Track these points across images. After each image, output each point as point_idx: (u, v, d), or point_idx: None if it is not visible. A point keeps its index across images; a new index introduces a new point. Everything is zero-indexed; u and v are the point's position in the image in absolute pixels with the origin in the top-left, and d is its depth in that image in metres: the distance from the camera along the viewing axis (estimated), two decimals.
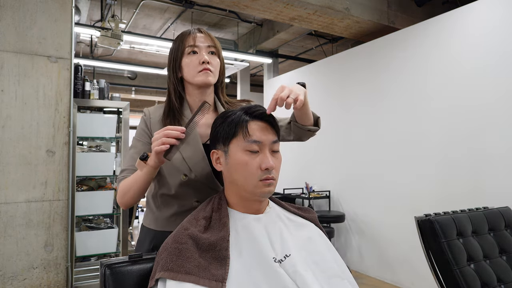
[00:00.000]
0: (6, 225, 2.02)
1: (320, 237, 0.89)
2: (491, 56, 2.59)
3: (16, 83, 2.08)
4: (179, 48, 1.06)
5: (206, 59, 1.04)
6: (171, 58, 1.09)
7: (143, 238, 1.09)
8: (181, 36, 1.09)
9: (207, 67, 1.04)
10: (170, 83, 1.09)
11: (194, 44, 1.05)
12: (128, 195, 0.98)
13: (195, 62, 1.04)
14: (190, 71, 1.05)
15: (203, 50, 1.05)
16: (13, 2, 2.08)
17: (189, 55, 1.05)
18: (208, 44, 1.07)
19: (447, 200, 2.83)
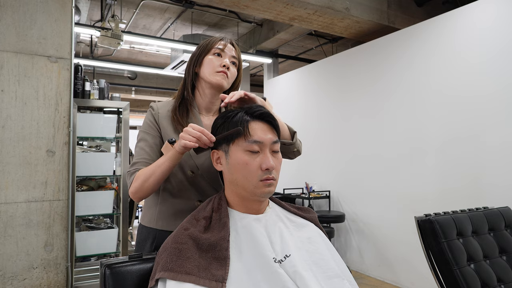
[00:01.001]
0: (6, 225, 2.02)
1: (320, 237, 0.89)
2: (491, 56, 2.59)
3: (16, 83, 2.08)
4: (207, 46, 1.11)
5: (228, 64, 1.09)
6: (196, 52, 1.13)
7: (143, 239, 1.08)
8: (212, 38, 1.14)
9: (226, 71, 1.08)
10: (187, 76, 1.13)
11: (222, 49, 1.10)
12: (149, 182, 0.96)
13: (216, 62, 1.09)
14: (209, 69, 1.08)
15: (227, 57, 1.11)
16: (13, 2, 2.08)
17: (214, 55, 1.10)
18: (233, 54, 1.12)
19: (447, 200, 2.83)
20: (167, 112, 1.09)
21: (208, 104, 1.12)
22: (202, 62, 1.10)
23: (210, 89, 1.10)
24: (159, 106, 1.10)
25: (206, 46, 1.11)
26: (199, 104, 1.13)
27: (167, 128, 1.06)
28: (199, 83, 1.12)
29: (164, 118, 1.07)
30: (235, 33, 5.33)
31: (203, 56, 1.10)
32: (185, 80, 1.14)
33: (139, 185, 0.97)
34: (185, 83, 1.13)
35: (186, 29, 5.15)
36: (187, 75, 1.13)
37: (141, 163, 1.02)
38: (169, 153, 0.93)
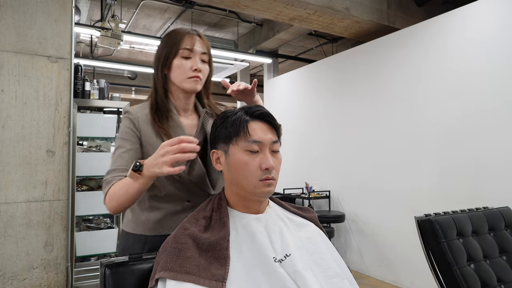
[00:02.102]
0: (6, 225, 2.02)
1: (320, 236, 0.89)
2: (491, 56, 2.59)
3: (16, 83, 2.08)
4: (173, 47, 1.02)
5: (199, 67, 1.02)
6: (162, 54, 1.04)
7: (130, 246, 1.04)
8: (177, 34, 1.04)
9: (198, 75, 1.02)
10: (157, 80, 1.06)
11: (190, 48, 1.02)
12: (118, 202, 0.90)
13: (187, 67, 1.02)
14: (180, 75, 1.02)
15: (197, 56, 1.03)
16: (13, 2, 2.08)
17: (182, 58, 1.02)
18: (203, 50, 1.04)
19: (447, 200, 2.83)
20: (146, 116, 1.03)
21: (183, 105, 1.08)
22: (171, 65, 1.03)
23: (183, 93, 1.06)
24: (137, 110, 1.04)
25: (172, 47, 1.02)
26: (175, 105, 1.07)
27: (149, 132, 1.01)
28: (171, 86, 1.06)
29: (144, 123, 1.02)
30: (235, 33, 5.33)
31: (171, 59, 1.02)
32: (155, 84, 1.06)
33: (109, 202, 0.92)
34: (156, 88, 1.06)
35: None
36: (157, 79, 1.05)
37: (119, 170, 0.96)
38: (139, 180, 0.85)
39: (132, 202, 0.92)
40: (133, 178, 0.85)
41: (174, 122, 1.04)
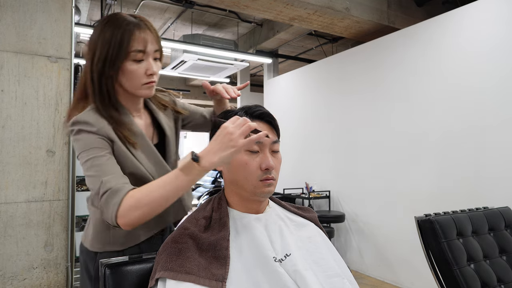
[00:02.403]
0: (6, 225, 2.02)
1: (320, 236, 0.89)
2: (491, 56, 2.59)
3: (16, 83, 2.08)
4: (122, 48, 0.85)
5: (155, 71, 0.91)
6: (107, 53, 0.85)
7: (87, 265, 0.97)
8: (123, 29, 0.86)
9: (153, 79, 0.91)
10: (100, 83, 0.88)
11: (143, 50, 0.87)
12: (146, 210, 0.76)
13: (141, 72, 0.88)
14: (133, 82, 0.89)
15: (150, 57, 0.90)
16: (13, 2, 2.08)
17: (134, 62, 0.88)
18: (155, 48, 0.91)
19: (447, 200, 2.83)
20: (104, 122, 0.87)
21: (135, 107, 0.98)
22: (120, 69, 0.87)
23: (136, 98, 0.96)
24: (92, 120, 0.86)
25: (120, 49, 0.85)
26: (127, 107, 0.94)
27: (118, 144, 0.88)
28: (119, 88, 0.92)
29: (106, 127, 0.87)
30: (235, 33, 5.33)
31: (119, 62, 0.86)
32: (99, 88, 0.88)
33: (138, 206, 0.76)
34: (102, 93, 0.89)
35: (186, 29, 5.14)
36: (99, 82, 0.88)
37: (116, 178, 0.81)
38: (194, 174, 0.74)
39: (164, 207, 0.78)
40: (186, 171, 0.74)
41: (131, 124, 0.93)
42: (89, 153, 0.84)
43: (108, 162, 0.83)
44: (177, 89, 8.08)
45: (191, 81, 7.93)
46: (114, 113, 0.90)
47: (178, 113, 1.12)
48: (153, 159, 0.96)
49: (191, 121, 1.19)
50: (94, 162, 0.83)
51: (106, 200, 0.78)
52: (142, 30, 0.88)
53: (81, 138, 0.85)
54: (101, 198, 0.79)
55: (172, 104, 1.11)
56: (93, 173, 0.82)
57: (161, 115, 1.04)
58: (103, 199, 0.79)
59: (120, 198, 0.77)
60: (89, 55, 0.90)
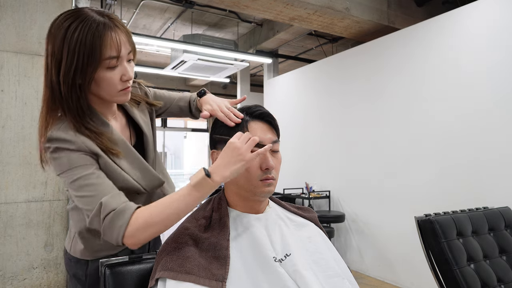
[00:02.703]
0: (6, 225, 2.02)
1: (320, 236, 0.89)
2: (491, 56, 2.59)
3: (16, 83, 2.08)
4: (93, 56, 0.76)
5: (131, 76, 0.83)
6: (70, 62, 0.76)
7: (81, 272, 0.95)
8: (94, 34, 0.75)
9: (130, 85, 0.85)
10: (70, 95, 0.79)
11: (117, 55, 0.79)
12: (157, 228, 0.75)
13: (116, 79, 0.81)
14: (108, 90, 0.82)
15: (124, 61, 0.81)
16: (13, 2, 2.08)
17: (107, 69, 0.79)
18: (129, 49, 0.82)
19: (447, 200, 2.83)
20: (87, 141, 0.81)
21: (110, 109, 0.92)
22: (92, 79, 0.78)
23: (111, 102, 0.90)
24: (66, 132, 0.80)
25: (91, 56, 0.75)
26: (102, 112, 0.88)
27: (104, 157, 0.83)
28: (92, 95, 0.84)
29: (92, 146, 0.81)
30: (235, 33, 5.33)
31: (91, 72, 0.77)
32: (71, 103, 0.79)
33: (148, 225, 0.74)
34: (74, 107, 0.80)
35: (186, 29, 5.14)
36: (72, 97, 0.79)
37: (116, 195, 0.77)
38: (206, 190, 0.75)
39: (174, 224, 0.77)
40: (198, 187, 0.74)
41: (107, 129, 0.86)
42: (75, 172, 0.78)
43: (100, 181, 0.79)
44: (177, 89, 8.09)
45: (191, 81, 7.93)
46: (90, 125, 0.82)
47: (152, 105, 1.06)
48: (138, 165, 0.91)
49: (166, 110, 1.15)
50: (84, 181, 0.78)
51: (110, 222, 0.74)
52: (114, 32, 0.78)
53: (61, 156, 0.79)
54: (103, 220, 0.75)
55: (144, 97, 1.05)
56: (86, 194, 0.77)
57: (135, 113, 0.98)
58: (106, 221, 0.75)
59: (126, 220, 0.74)
60: (52, 63, 0.78)
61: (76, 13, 0.78)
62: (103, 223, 0.75)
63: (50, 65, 0.79)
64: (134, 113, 0.98)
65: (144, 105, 1.04)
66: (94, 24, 0.76)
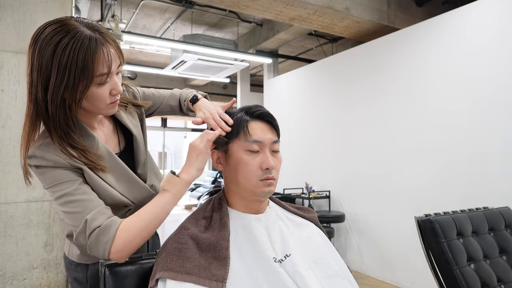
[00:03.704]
0: (6, 225, 2.02)
1: (320, 237, 0.89)
2: (491, 56, 2.59)
3: (16, 83, 2.08)
4: (86, 73, 0.74)
5: (120, 90, 0.82)
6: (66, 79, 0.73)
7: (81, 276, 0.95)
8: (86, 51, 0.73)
9: (118, 98, 0.84)
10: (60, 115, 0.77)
11: (108, 72, 0.77)
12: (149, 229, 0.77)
13: (105, 94, 0.80)
14: (97, 105, 0.81)
15: (114, 75, 0.80)
16: (13, 2, 2.08)
17: (98, 85, 0.78)
18: (118, 63, 0.81)
19: (447, 200, 2.83)
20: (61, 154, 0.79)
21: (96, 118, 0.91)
22: (83, 97, 0.77)
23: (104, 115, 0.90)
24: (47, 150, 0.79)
25: (83, 74, 0.73)
26: (87, 122, 0.87)
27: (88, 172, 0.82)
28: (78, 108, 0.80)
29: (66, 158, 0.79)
30: (235, 33, 5.33)
31: (82, 89, 0.75)
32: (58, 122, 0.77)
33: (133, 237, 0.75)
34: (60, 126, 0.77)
35: (186, 29, 5.14)
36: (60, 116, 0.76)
37: (101, 213, 0.77)
38: (177, 187, 0.78)
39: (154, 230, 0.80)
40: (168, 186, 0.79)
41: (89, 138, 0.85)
42: (59, 188, 0.78)
43: (85, 197, 0.78)
44: None
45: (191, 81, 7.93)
46: (75, 142, 0.80)
47: (140, 106, 1.04)
48: (125, 178, 0.90)
49: (156, 110, 1.14)
50: (69, 198, 0.78)
51: (96, 239, 0.75)
52: (105, 47, 0.76)
53: (44, 172, 0.80)
54: (88, 237, 0.75)
55: (131, 99, 1.03)
56: (71, 210, 0.77)
57: (123, 116, 0.96)
58: (91, 238, 0.75)
59: (111, 236, 0.75)
60: (39, 79, 0.74)
61: (65, 26, 0.74)
62: (89, 240, 0.75)
63: (36, 80, 0.74)
64: (122, 117, 0.96)
65: (132, 107, 1.02)
66: (86, 40, 0.74)
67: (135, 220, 0.77)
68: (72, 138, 0.80)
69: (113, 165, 0.88)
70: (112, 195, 0.86)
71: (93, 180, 0.83)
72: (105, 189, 0.85)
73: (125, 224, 0.76)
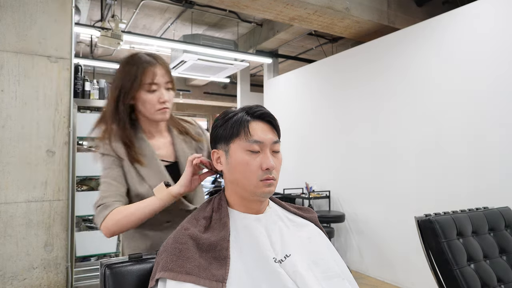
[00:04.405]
0: (6, 225, 2.02)
1: (320, 237, 0.89)
2: (491, 56, 2.59)
3: (16, 83, 2.08)
4: (135, 80, 1.02)
5: (166, 99, 1.05)
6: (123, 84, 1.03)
7: None
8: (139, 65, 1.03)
9: (166, 106, 1.05)
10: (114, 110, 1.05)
11: (153, 82, 1.03)
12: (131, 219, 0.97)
13: (154, 100, 1.04)
14: (149, 109, 1.05)
15: (162, 87, 1.05)
16: (13, 2, 2.08)
17: (148, 92, 1.03)
18: (166, 79, 1.06)
19: (447, 200, 2.83)
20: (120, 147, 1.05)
21: (155, 129, 1.12)
22: (136, 97, 1.04)
23: (155, 122, 1.10)
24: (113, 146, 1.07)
25: (133, 81, 1.02)
26: (145, 129, 1.10)
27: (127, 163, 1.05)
28: (138, 114, 1.08)
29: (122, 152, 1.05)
30: (235, 33, 5.33)
31: (133, 93, 1.03)
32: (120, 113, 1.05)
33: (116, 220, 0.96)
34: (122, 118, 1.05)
35: (186, 29, 5.14)
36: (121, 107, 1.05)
37: (111, 196, 1.00)
38: (163, 194, 0.97)
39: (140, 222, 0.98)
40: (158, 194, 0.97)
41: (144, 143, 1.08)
42: (103, 173, 1.05)
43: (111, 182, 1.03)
44: (178, 89, 8.08)
45: (191, 81, 7.93)
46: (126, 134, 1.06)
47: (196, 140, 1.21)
48: (160, 177, 1.06)
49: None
50: (102, 179, 1.04)
51: (98, 211, 0.99)
52: (153, 66, 1.04)
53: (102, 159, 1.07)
54: (96, 208, 1.00)
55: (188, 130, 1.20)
56: (101, 188, 1.03)
57: (178, 139, 1.15)
58: (97, 210, 1.00)
59: (105, 214, 0.97)
60: (110, 87, 1.09)
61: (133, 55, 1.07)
62: (95, 211, 1.01)
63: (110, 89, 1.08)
64: (176, 139, 1.15)
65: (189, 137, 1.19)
66: (140, 61, 1.04)
67: (123, 209, 0.98)
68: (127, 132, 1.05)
69: (151, 163, 1.07)
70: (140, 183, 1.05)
71: (128, 169, 1.05)
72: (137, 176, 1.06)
73: (117, 209, 0.97)
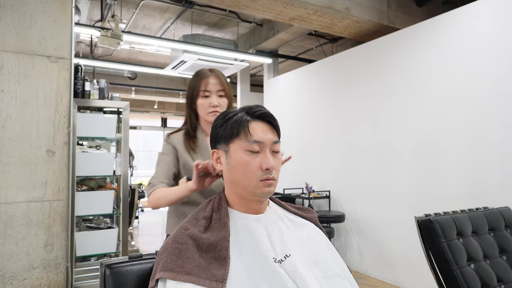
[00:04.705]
0: (6, 225, 2.02)
1: (320, 237, 0.89)
2: (491, 56, 2.59)
3: (16, 83, 2.08)
4: (195, 90, 1.33)
5: (216, 104, 1.30)
6: (188, 94, 1.36)
7: None
8: (197, 77, 1.33)
9: (216, 110, 1.30)
10: (187, 113, 1.38)
11: (205, 89, 1.31)
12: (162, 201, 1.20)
13: (206, 104, 1.31)
14: (202, 111, 1.33)
15: (213, 94, 1.31)
16: (13, 2, 2.08)
17: (202, 98, 1.32)
18: (218, 88, 1.32)
19: (447, 200, 2.83)
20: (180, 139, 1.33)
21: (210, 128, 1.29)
22: (196, 103, 1.33)
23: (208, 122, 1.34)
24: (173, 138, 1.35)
25: (194, 90, 1.32)
26: (204, 128, 1.36)
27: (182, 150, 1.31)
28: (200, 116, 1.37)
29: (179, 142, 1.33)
30: (235, 33, 5.33)
31: (195, 99, 1.33)
32: (189, 115, 1.37)
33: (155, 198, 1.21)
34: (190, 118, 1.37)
35: (186, 29, 5.14)
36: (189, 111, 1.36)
37: (159, 177, 1.28)
38: (183, 186, 1.14)
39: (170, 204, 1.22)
40: (181, 184, 1.17)
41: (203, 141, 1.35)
42: (160, 156, 1.33)
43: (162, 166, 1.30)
44: (177, 89, 8.09)
45: None
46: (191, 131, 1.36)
47: None
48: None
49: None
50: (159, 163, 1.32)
51: (148, 188, 1.27)
52: (208, 77, 1.32)
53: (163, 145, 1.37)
54: (148, 184, 1.28)
55: None
56: (156, 168, 1.31)
57: None
58: (148, 186, 1.27)
59: (151, 191, 1.24)
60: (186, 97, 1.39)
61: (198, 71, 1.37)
62: (148, 186, 1.28)
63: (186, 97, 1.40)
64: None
65: None
66: (201, 73, 1.35)
67: (161, 191, 1.21)
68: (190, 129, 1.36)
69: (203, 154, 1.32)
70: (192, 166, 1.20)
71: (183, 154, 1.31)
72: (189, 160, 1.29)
73: (158, 190, 1.22)
